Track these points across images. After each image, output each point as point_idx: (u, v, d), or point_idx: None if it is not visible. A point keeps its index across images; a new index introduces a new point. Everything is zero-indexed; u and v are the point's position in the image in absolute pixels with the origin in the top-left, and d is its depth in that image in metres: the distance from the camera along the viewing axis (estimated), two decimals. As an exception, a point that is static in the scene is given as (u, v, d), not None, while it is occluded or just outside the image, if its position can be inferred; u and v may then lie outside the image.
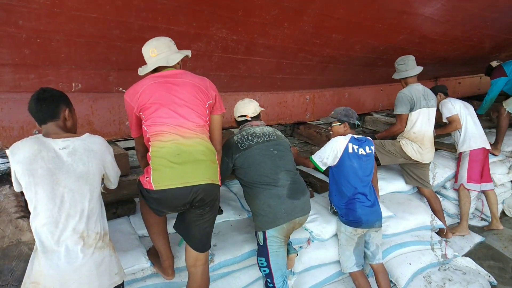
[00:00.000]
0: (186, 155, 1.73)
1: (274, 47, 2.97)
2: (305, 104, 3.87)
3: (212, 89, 1.91)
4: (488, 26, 3.67)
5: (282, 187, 2.13)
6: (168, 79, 1.83)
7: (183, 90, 1.81)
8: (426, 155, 3.16)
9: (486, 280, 2.86)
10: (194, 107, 1.81)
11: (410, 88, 3.14)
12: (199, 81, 1.88)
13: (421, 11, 3.05)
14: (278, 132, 2.39)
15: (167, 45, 1.93)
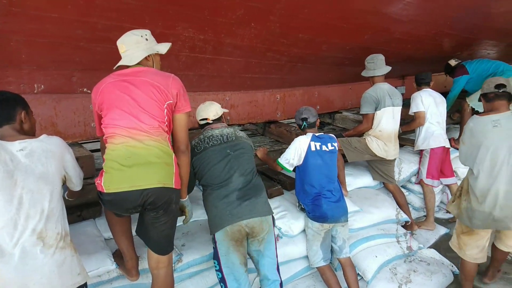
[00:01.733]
0: (137, 157, 1.70)
1: (242, 46, 2.99)
2: (276, 103, 3.92)
3: (174, 88, 1.83)
4: (450, 26, 3.82)
5: (233, 189, 2.13)
6: (127, 78, 1.79)
7: (139, 90, 1.77)
8: (391, 152, 3.28)
9: (449, 270, 2.98)
10: (148, 108, 1.76)
11: (376, 88, 3.24)
12: (160, 79, 1.82)
13: (385, 11, 3.14)
14: (239, 133, 2.38)
15: (135, 41, 1.87)
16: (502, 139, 2.34)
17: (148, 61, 1.90)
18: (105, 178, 1.70)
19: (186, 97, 1.91)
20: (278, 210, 2.75)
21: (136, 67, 1.85)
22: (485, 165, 2.38)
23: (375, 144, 3.25)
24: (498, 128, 2.36)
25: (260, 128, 4.07)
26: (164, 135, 1.81)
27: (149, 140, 1.74)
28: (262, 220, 2.13)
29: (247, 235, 2.13)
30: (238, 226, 2.08)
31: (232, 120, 3.54)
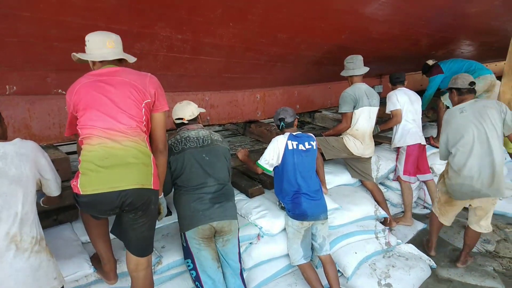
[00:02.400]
0: (114, 158, 1.68)
1: (221, 46, 2.98)
2: (256, 103, 3.92)
3: (151, 87, 1.82)
4: (425, 25, 3.91)
5: (207, 192, 2.21)
6: (102, 78, 1.76)
7: (116, 90, 1.74)
8: (367, 150, 3.36)
9: (427, 264, 3.06)
10: (126, 108, 1.73)
11: (354, 88, 3.29)
12: (137, 78, 1.80)
13: (361, 11, 3.19)
14: (215, 135, 2.41)
15: (119, 41, 1.90)
16: (469, 121, 2.82)
17: (121, 63, 1.90)
18: (81, 179, 1.67)
19: (163, 96, 1.89)
20: (259, 209, 2.76)
21: (111, 67, 1.82)
22: (459, 145, 2.84)
23: (352, 143, 3.31)
24: (464, 113, 2.87)
25: (240, 128, 4.07)
26: (142, 135, 1.79)
27: (126, 141, 1.71)
28: (231, 222, 2.26)
29: (215, 233, 2.23)
30: (209, 226, 2.18)
31: (212, 120, 3.53)
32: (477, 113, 2.81)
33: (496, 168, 2.73)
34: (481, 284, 2.95)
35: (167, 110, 1.92)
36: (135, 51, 2.64)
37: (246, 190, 2.98)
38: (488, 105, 2.84)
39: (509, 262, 3.25)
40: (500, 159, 2.75)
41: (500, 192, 2.77)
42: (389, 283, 2.71)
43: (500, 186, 2.75)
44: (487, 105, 2.85)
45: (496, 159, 2.73)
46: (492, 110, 2.81)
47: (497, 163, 2.73)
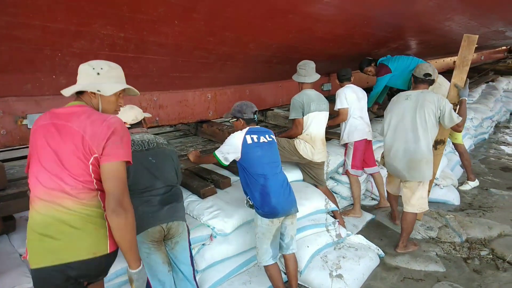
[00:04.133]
0: (59, 225, 1.46)
1: (167, 45, 2.91)
2: (207, 102, 3.89)
3: (103, 134, 1.51)
4: (367, 25, 4.08)
5: (155, 194, 2.17)
6: (57, 121, 1.54)
7: (62, 142, 1.51)
8: (317, 155, 3.43)
9: (376, 254, 3.20)
10: (69, 166, 1.49)
11: (302, 94, 3.39)
12: (89, 127, 1.52)
13: (305, 11, 3.26)
14: (160, 139, 2.37)
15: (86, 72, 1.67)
16: (409, 109, 3.12)
17: (92, 99, 1.64)
18: (28, 250, 1.49)
19: (119, 143, 1.53)
20: (212, 209, 2.74)
21: (75, 104, 1.60)
22: (391, 128, 3.23)
23: (302, 146, 3.39)
24: (408, 100, 3.16)
25: (192, 128, 4.02)
26: (93, 194, 1.54)
27: (73, 204, 1.49)
28: (179, 223, 2.22)
29: (164, 236, 2.18)
30: (159, 227, 2.13)
31: (161, 121, 3.44)
32: (418, 103, 3.09)
33: (417, 155, 3.09)
34: (425, 269, 3.13)
35: (123, 161, 1.55)
36: (74, 51, 2.52)
37: (198, 190, 2.94)
38: (428, 99, 3.08)
39: (449, 247, 3.48)
40: (423, 149, 3.08)
41: (418, 177, 3.14)
42: (340, 274, 2.80)
43: (418, 172, 3.12)
44: (428, 98, 3.09)
45: (419, 148, 3.08)
46: (430, 104, 3.06)
47: (418, 151, 3.08)
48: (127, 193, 1.54)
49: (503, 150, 6.47)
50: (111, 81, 1.67)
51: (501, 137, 7.22)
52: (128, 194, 1.55)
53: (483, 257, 3.29)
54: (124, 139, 1.55)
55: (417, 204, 3.22)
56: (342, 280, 2.74)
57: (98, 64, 1.69)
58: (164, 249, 2.19)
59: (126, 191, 1.53)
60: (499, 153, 6.29)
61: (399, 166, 3.18)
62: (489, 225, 3.76)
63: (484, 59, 10.33)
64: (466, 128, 5.92)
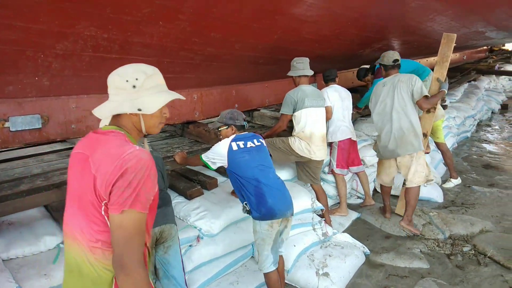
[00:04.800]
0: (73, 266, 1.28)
1: (152, 45, 2.90)
2: (193, 103, 3.87)
3: (112, 175, 1.16)
4: (351, 26, 4.12)
5: None
6: (86, 151, 1.28)
7: (80, 179, 1.25)
8: (316, 152, 3.38)
9: (361, 251, 3.24)
10: (85, 211, 1.23)
11: (297, 90, 3.39)
12: (104, 163, 1.20)
13: (290, 12, 3.28)
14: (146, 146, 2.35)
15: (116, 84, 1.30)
16: (387, 93, 3.51)
17: (132, 117, 1.31)
18: None
19: (125, 188, 1.16)
20: (198, 210, 2.75)
21: (107, 130, 1.29)
22: (379, 113, 3.58)
23: (297, 144, 3.36)
24: (386, 86, 3.55)
25: (178, 129, 4.00)
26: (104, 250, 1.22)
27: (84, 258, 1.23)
28: (172, 226, 2.22)
29: (156, 241, 2.16)
30: (151, 232, 2.04)
31: (147, 122, 3.42)
32: (393, 86, 3.49)
33: (404, 131, 3.43)
34: (410, 266, 3.19)
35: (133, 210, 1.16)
36: (57, 52, 2.49)
37: (185, 192, 2.93)
38: (401, 79, 3.49)
39: (433, 243, 3.55)
40: (407, 124, 3.44)
41: (408, 149, 3.46)
42: (326, 272, 2.83)
43: (407, 145, 3.45)
44: (401, 79, 3.49)
45: (404, 124, 3.44)
46: (402, 84, 3.46)
47: (404, 126, 3.44)
48: (133, 250, 1.16)
49: (485, 148, 6.63)
50: (152, 93, 1.33)
51: (483, 135, 7.40)
52: (136, 252, 1.17)
53: (465, 253, 3.37)
54: (134, 182, 1.16)
55: (416, 180, 3.52)
56: (328, 278, 2.77)
57: (131, 73, 1.30)
58: (153, 258, 2.17)
59: (130, 248, 1.15)
60: (481, 151, 6.44)
61: (391, 146, 3.50)
62: (471, 221, 3.85)
63: (466, 59, 10.54)
64: (449, 127, 6.05)
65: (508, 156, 6.16)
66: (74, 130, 2.97)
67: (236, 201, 2.95)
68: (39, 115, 2.76)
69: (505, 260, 3.19)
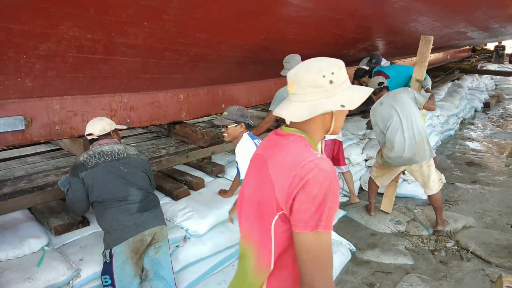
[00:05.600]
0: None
1: (137, 46, 2.89)
2: (179, 103, 3.87)
3: (290, 193, 1.06)
4: (336, 26, 4.17)
5: (132, 202, 2.15)
6: (266, 152, 1.24)
7: (260, 181, 1.21)
8: None
9: (347, 249, 3.29)
10: (257, 224, 1.20)
11: (286, 88, 3.41)
12: (282, 171, 1.11)
13: (275, 13, 3.31)
14: (131, 150, 2.36)
15: (311, 81, 1.14)
16: (389, 108, 3.54)
17: (320, 120, 1.18)
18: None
19: (308, 206, 1.02)
20: (185, 211, 2.75)
21: (288, 132, 1.18)
22: (389, 127, 3.53)
23: None
24: (383, 104, 3.60)
25: (165, 130, 3.98)
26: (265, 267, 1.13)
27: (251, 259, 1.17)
28: (162, 227, 2.23)
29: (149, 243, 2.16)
30: (142, 235, 2.10)
31: (133, 123, 3.40)
32: (392, 100, 3.56)
33: (418, 137, 3.47)
34: (395, 262, 3.25)
35: (324, 230, 1.03)
36: (40, 53, 2.47)
37: (171, 192, 2.93)
38: (397, 93, 3.61)
39: (417, 240, 3.62)
40: (420, 129, 3.49)
41: (425, 156, 3.49)
42: (313, 270, 2.86)
43: (423, 151, 3.48)
44: (396, 92, 3.62)
45: (418, 129, 3.47)
46: (402, 95, 3.57)
47: (418, 132, 3.47)
48: (324, 274, 1.03)
49: (468, 145, 6.77)
50: (347, 87, 1.18)
51: (466, 133, 7.55)
52: (328, 276, 1.04)
53: (449, 249, 3.45)
54: (319, 198, 1.01)
55: (434, 186, 3.58)
56: (315, 276, 2.80)
57: (326, 67, 1.15)
58: (141, 263, 2.17)
59: (321, 272, 1.03)
60: (464, 148, 6.58)
61: (408, 155, 3.48)
62: (455, 217, 3.94)
63: (450, 58, 10.74)
64: (433, 125, 6.16)
65: (491, 154, 6.31)
66: (58, 131, 2.94)
67: (224, 201, 2.97)
68: (22, 116, 2.73)
69: (486, 254, 3.28)
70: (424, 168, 3.55)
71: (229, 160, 3.77)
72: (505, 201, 4.41)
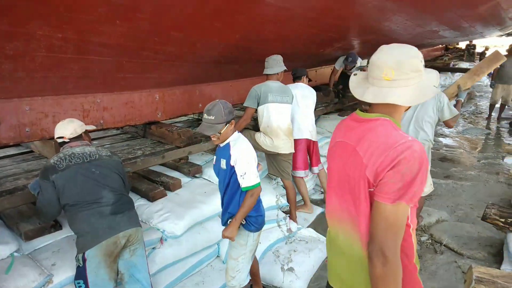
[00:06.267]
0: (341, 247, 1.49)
1: (110, 45, 2.83)
2: (155, 103, 3.82)
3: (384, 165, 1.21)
4: (312, 26, 4.21)
5: (106, 205, 2.10)
6: (349, 141, 1.41)
7: (350, 167, 1.36)
8: (282, 146, 3.43)
9: (325, 245, 3.32)
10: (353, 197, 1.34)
11: (262, 85, 3.44)
12: (375, 155, 1.24)
13: (251, 12, 3.31)
14: (103, 152, 2.31)
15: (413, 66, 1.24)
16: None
17: (397, 105, 1.26)
18: None
19: (401, 181, 1.15)
20: (162, 212, 2.72)
21: (367, 117, 1.29)
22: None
23: (262, 139, 3.42)
24: None
25: (140, 130, 3.92)
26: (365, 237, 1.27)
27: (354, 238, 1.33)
28: (137, 229, 2.19)
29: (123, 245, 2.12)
30: (115, 238, 2.06)
31: (107, 124, 3.33)
32: None
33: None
34: (371, 257, 3.31)
35: (405, 203, 1.17)
36: (7, 52, 2.38)
37: (147, 193, 2.89)
38: None
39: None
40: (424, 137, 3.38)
41: None
42: (291, 267, 2.88)
43: None
44: None
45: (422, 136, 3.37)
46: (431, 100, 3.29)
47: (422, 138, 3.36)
48: (394, 242, 1.17)
49: (441, 141, 6.97)
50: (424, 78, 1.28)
51: (440, 130, 7.76)
52: (396, 244, 1.18)
53: (423, 242, 3.54)
54: (407, 176, 1.14)
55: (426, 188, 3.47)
56: (293, 272, 2.82)
57: (417, 52, 1.27)
58: (115, 266, 2.13)
59: (391, 239, 1.17)
60: (437, 144, 6.76)
61: None
62: (429, 212, 4.05)
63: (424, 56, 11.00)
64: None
65: (463, 149, 6.52)
66: (29, 133, 2.86)
67: (201, 201, 2.95)
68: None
69: (458, 247, 3.38)
70: None
71: (206, 160, 3.75)
72: (476, 195, 4.57)
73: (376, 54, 1.26)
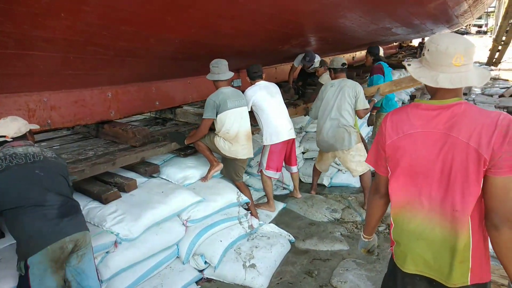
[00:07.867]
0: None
1: (55, 40, 2.66)
2: (108, 101, 3.65)
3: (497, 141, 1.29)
4: (268, 22, 4.20)
5: (51, 208, 1.98)
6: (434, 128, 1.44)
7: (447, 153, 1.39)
8: (241, 151, 3.40)
9: (287, 240, 3.35)
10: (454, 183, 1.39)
11: (218, 93, 3.36)
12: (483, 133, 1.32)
13: (205, 6, 3.24)
14: (48, 153, 2.18)
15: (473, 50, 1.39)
16: (333, 93, 3.84)
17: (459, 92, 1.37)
18: None
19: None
20: (116, 214, 2.61)
21: (446, 103, 1.34)
22: (321, 110, 3.91)
23: (221, 143, 3.36)
24: (333, 87, 3.88)
25: (92, 130, 3.74)
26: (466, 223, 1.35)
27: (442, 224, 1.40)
28: (85, 233, 2.08)
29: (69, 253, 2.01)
30: (62, 243, 1.94)
31: (55, 124, 3.14)
32: (339, 88, 3.81)
33: (340, 128, 3.76)
34: (332, 249, 3.37)
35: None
36: None
37: (100, 196, 2.75)
38: (348, 85, 3.83)
39: (352, 226, 3.79)
40: (344, 122, 3.77)
41: (343, 145, 3.79)
42: (253, 263, 2.87)
43: (341, 140, 3.79)
44: (347, 84, 3.83)
45: (341, 122, 3.77)
46: (348, 89, 3.79)
47: (341, 124, 3.77)
48: None
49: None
50: None
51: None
52: None
53: (381, 232, 3.65)
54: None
55: (359, 169, 3.88)
56: (255, 269, 2.81)
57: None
58: (63, 273, 2.01)
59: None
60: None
61: (330, 140, 3.81)
62: (385, 203, 4.17)
63: (379, 54, 11.39)
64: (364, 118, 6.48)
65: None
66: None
67: (158, 201, 2.86)
68: None
69: None
70: (346, 155, 3.86)
71: (164, 159, 3.64)
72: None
73: (439, 43, 1.32)
